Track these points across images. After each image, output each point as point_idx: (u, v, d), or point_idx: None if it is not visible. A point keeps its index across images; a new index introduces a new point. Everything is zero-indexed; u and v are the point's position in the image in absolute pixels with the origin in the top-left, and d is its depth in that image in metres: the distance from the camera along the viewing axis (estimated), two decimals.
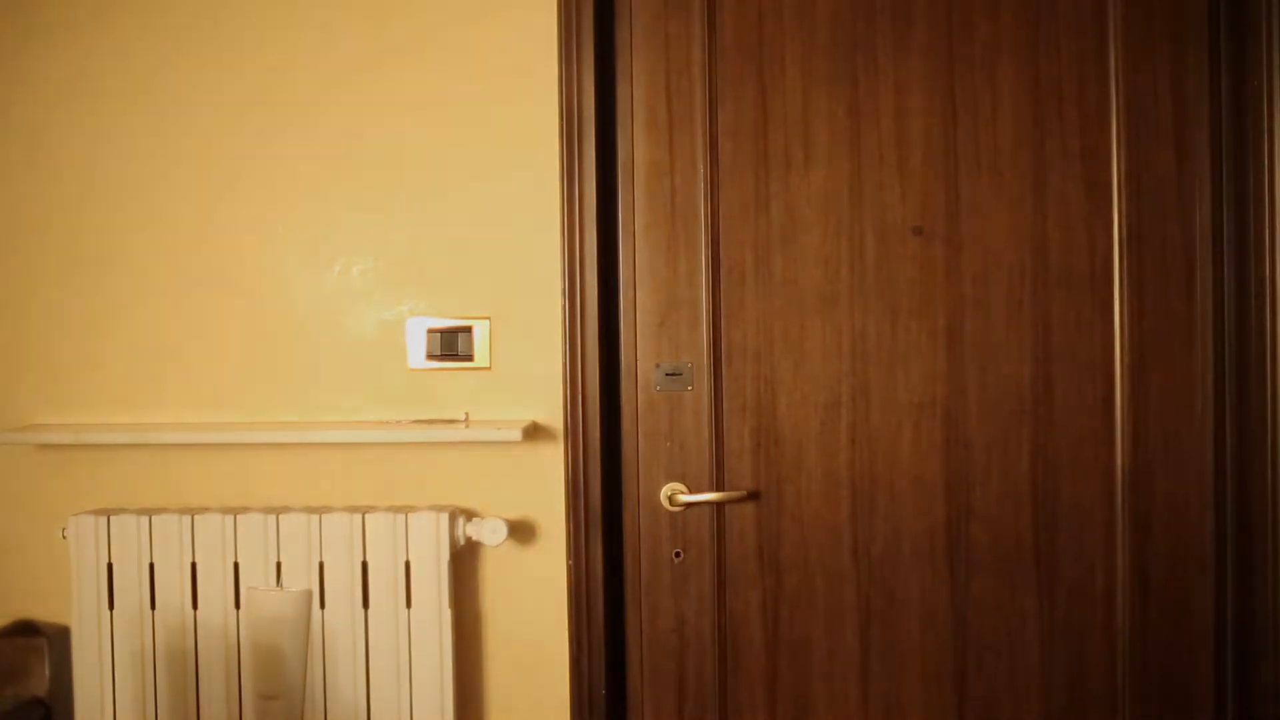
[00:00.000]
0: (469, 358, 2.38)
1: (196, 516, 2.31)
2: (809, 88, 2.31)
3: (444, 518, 2.29)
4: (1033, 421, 2.31)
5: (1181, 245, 2.30)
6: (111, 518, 2.32)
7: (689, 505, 2.33)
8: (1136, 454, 2.31)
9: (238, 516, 2.31)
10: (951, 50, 2.30)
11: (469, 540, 2.33)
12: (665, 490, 2.33)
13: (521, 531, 2.38)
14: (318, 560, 2.29)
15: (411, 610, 2.28)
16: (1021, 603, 2.32)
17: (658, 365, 2.34)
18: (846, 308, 2.32)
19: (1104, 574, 2.32)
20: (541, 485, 2.38)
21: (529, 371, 2.38)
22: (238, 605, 2.31)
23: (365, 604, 2.29)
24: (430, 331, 2.38)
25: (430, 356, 2.38)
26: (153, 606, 2.31)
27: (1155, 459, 2.31)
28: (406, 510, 2.31)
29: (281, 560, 2.30)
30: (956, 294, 2.31)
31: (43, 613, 2.44)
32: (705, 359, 2.32)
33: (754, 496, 2.33)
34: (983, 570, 2.32)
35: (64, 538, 2.34)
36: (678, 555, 2.34)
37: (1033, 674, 2.33)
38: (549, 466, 2.38)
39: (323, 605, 2.30)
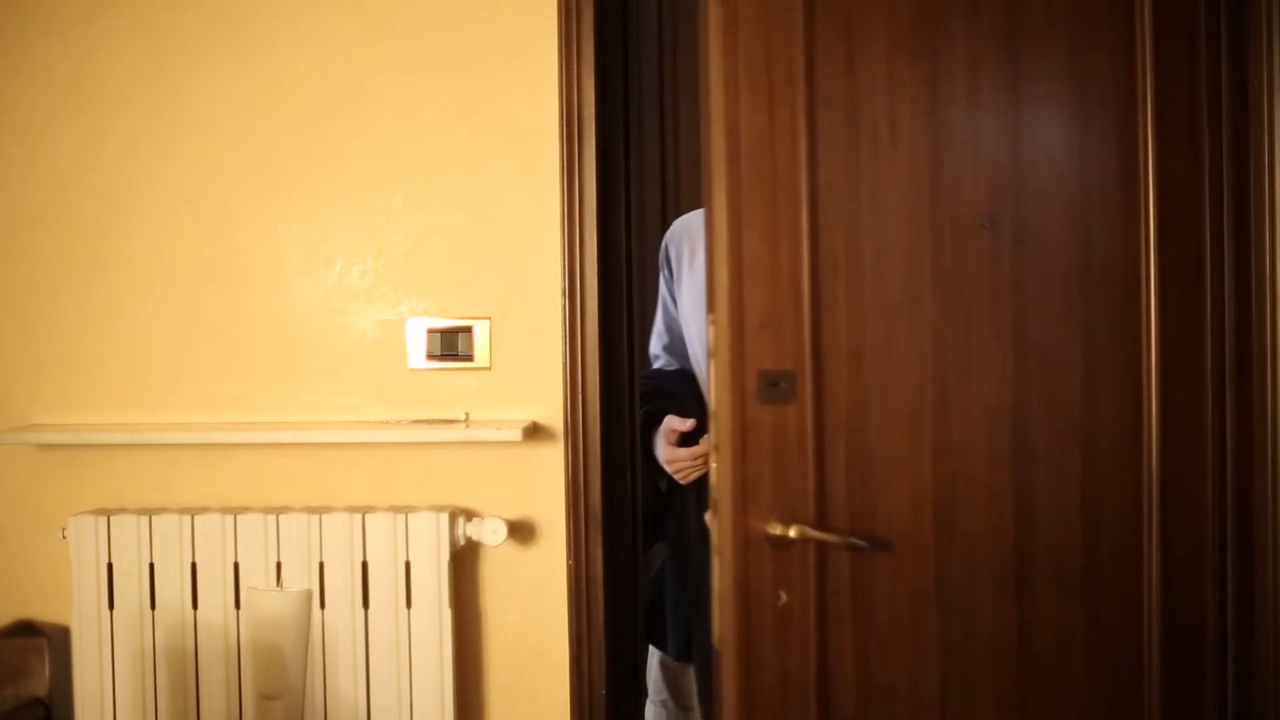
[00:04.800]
0: (469, 358, 2.38)
1: (196, 516, 2.31)
2: (894, 59, 2.06)
3: (444, 518, 2.29)
4: (1082, 427, 2.20)
5: (1194, 244, 2.27)
6: (111, 518, 2.32)
7: (796, 541, 1.91)
8: (1165, 457, 2.26)
9: (238, 516, 2.31)
10: (1014, 38, 2.17)
11: (469, 540, 2.33)
12: (772, 524, 1.90)
13: (521, 531, 2.38)
14: (318, 560, 2.29)
15: (411, 610, 2.28)
16: (1072, 615, 2.19)
17: (761, 373, 1.92)
18: (928, 306, 2.06)
19: (1135, 581, 2.27)
20: (541, 485, 2.38)
21: (529, 371, 2.38)
22: (238, 605, 2.31)
23: (365, 604, 2.29)
24: (430, 331, 2.38)
25: (430, 356, 2.38)
26: (153, 606, 2.31)
27: (1178, 461, 2.26)
28: (406, 510, 2.31)
29: (281, 560, 2.30)
30: (1020, 292, 2.18)
31: (43, 613, 2.44)
32: (807, 366, 1.94)
33: (854, 532, 2.00)
34: (1041, 585, 2.19)
35: (64, 538, 2.34)
36: (781, 599, 1.96)
37: (1080, 687, 2.24)
38: (549, 466, 2.37)
39: (323, 605, 2.29)
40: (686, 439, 2.33)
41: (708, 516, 1.95)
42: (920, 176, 2.05)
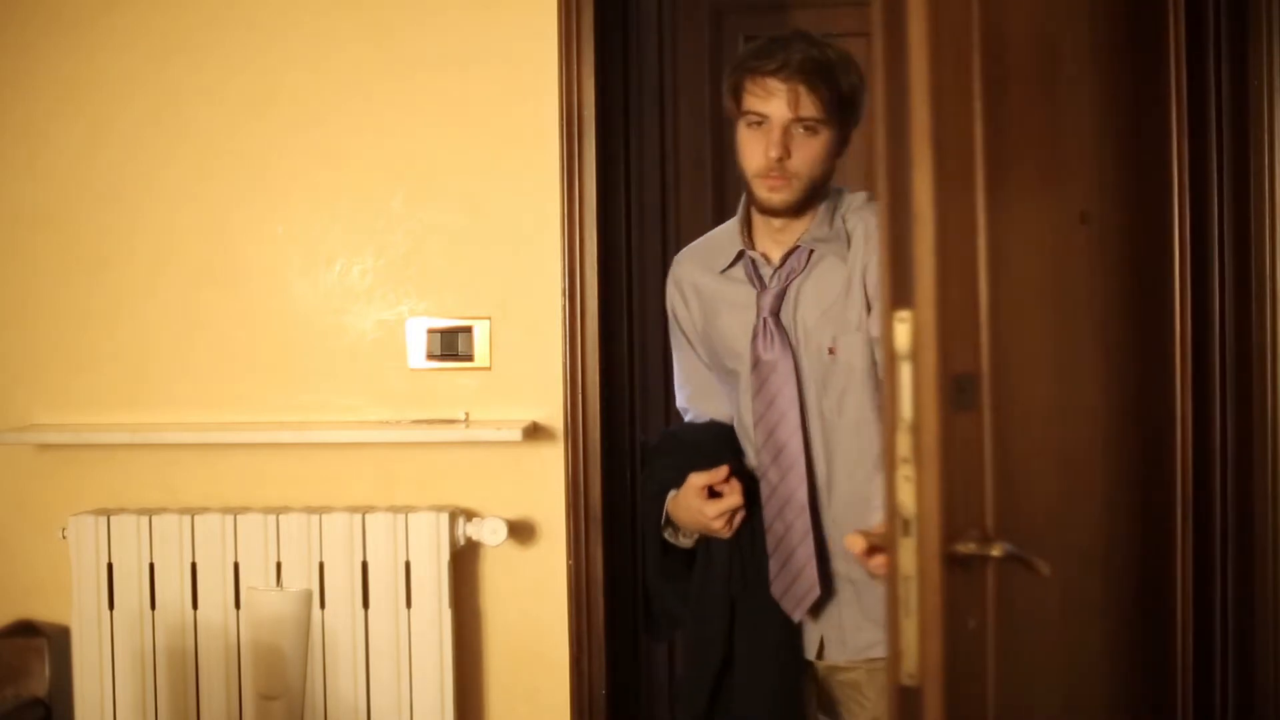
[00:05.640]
0: (469, 358, 2.37)
1: (196, 516, 2.31)
2: (1024, 55, 1.95)
3: (444, 518, 2.29)
4: (1139, 427, 2.17)
5: (1204, 243, 2.27)
6: (111, 518, 2.32)
7: (990, 560, 1.66)
8: (1197, 457, 2.25)
9: (238, 516, 2.31)
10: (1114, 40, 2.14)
11: (469, 540, 2.33)
12: (966, 542, 1.64)
13: (521, 531, 2.38)
14: (318, 560, 2.29)
15: (411, 610, 2.28)
16: (1132, 630, 2.12)
17: (954, 377, 1.68)
18: (1049, 303, 1.92)
19: (1168, 582, 2.25)
20: (541, 485, 2.38)
21: (529, 371, 2.38)
22: (238, 605, 2.30)
23: (365, 604, 2.29)
24: (430, 331, 2.38)
25: (430, 356, 2.38)
26: (153, 606, 2.31)
27: (1199, 460, 2.25)
28: (406, 510, 2.31)
29: (281, 560, 2.30)
30: (1105, 288, 2.13)
31: (43, 613, 2.43)
32: (985, 369, 1.72)
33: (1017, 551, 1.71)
34: (1115, 592, 2.08)
35: (64, 538, 2.33)
36: (969, 623, 1.72)
37: (1133, 692, 2.17)
38: (549, 466, 2.37)
39: (323, 605, 2.29)
40: (714, 491, 2.01)
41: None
42: (1045, 170, 1.94)
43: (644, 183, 2.70)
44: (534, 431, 2.36)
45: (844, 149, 2.00)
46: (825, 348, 2.00)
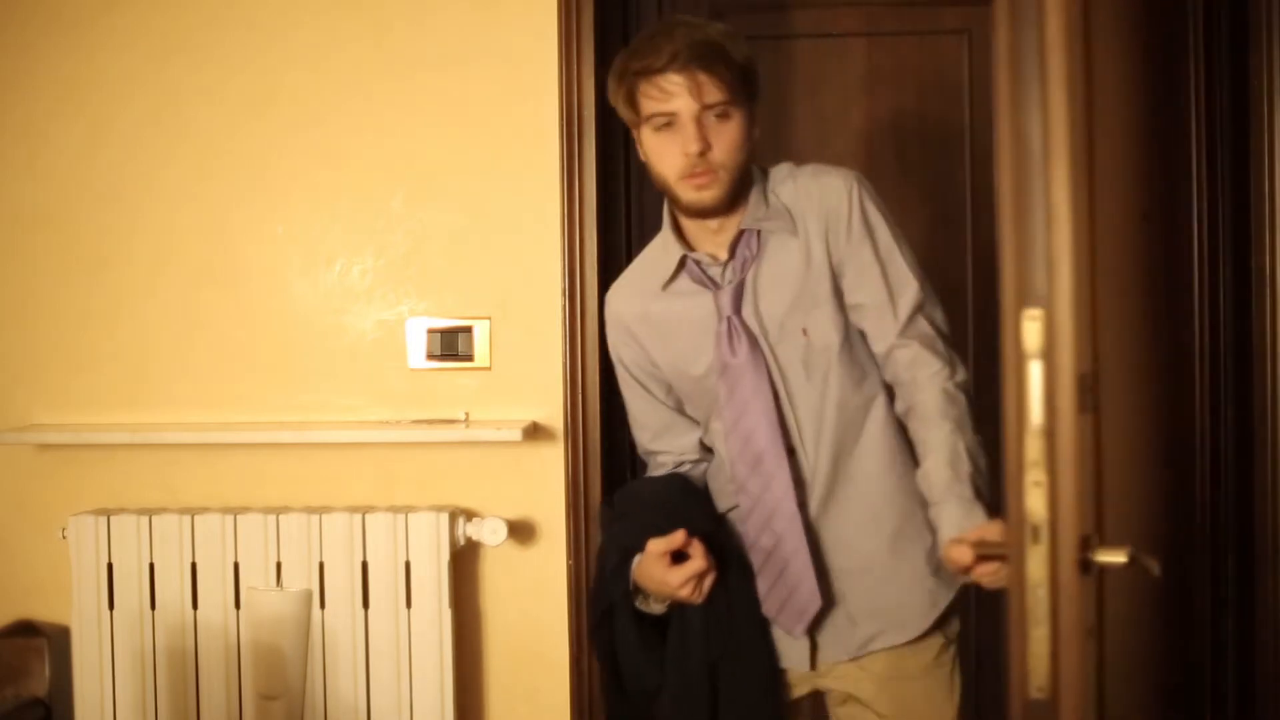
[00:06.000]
0: (469, 358, 2.37)
1: (196, 516, 2.31)
2: (1104, 64, 2.04)
3: (444, 518, 2.29)
4: (1166, 423, 2.18)
5: (1210, 244, 2.27)
6: (111, 518, 2.32)
7: (1103, 565, 1.54)
8: (1214, 452, 2.24)
9: (238, 516, 2.31)
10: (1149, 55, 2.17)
11: (469, 540, 2.33)
12: (1095, 549, 1.53)
13: (521, 531, 2.38)
14: (318, 560, 2.29)
15: (411, 610, 2.28)
16: (1163, 639, 2.15)
17: (1080, 377, 1.56)
18: (1127, 296, 1.90)
19: (1190, 579, 2.24)
20: (541, 485, 2.38)
21: (529, 371, 2.38)
22: (238, 605, 2.30)
23: (365, 604, 2.29)
24: (430, 331, 2.38)
25: (430, 356, 2.38)
26: (153, 606, 2.31)
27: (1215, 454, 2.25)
28: (406, 510, 2.31)
29: (281, 560, 2.29)
30: (1161, 280, 2.16)
31: (43, 613, 2.43)
32: (1098, 369, 1.62)
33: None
34: (1153, 591, 2.10)
35: (64, 538, 2.33)
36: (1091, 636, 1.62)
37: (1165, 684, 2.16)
38: (549, 466, 2.37)
39: (323, 605, 2.29)
40: (678, 555, 1.84)
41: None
42: (1121, 170, 1.88)
43: (644, 183, 2.69)
44: (534, 431, 2.36)
45: (754, 128, 1.87)
46: (800, 330, 1.87)
